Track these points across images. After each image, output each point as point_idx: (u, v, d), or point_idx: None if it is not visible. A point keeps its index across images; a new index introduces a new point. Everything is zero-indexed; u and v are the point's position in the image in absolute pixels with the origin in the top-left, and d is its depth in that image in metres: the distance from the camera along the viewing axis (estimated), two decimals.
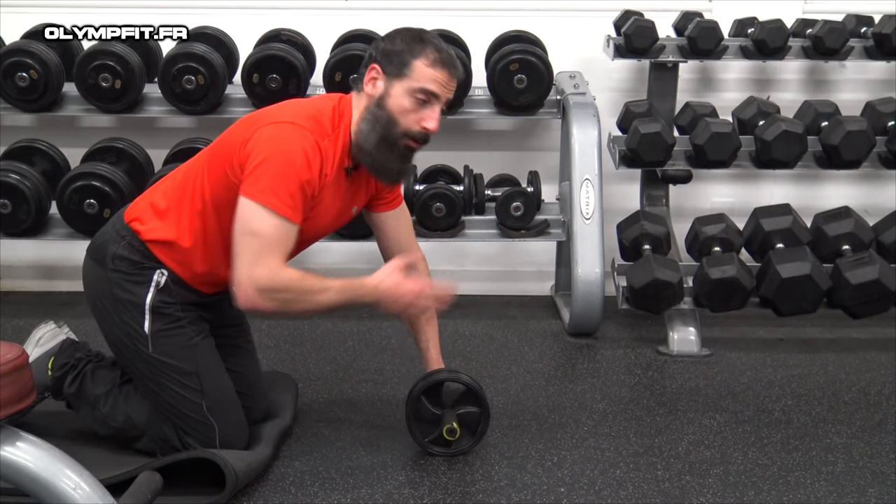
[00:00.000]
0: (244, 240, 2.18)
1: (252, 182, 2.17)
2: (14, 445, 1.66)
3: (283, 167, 2.18)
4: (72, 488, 1.67)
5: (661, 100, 3.80)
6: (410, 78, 2.28)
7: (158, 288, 2.33)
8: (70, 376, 2.49)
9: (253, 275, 2.16)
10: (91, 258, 2.42)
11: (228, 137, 2.31)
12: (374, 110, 2.30)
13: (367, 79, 2.32)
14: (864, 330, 3.51)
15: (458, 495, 2.34)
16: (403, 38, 2.31)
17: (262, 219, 2.16)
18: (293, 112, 2.29)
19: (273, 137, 2.20)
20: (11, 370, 1.63)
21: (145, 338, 2.32)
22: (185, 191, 2.33)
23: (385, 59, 2.30)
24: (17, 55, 3.47)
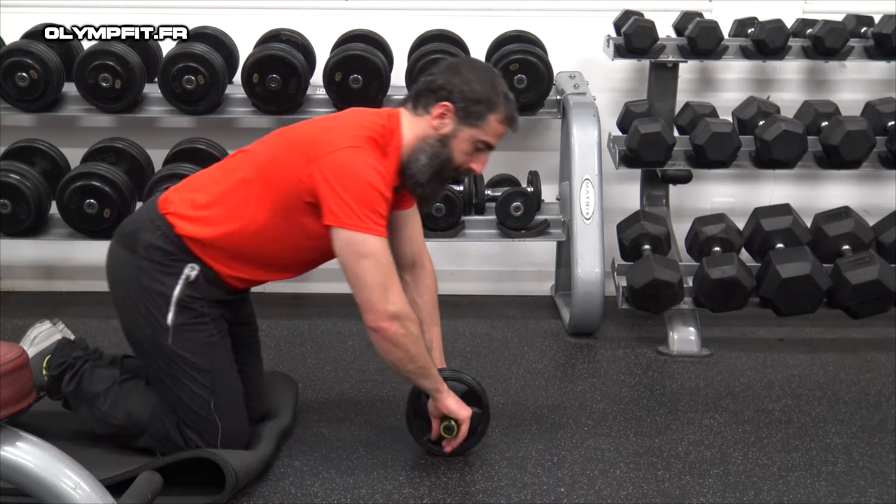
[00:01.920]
0: (362, 266, 2.24)
1: (342, 211, 2.22)
2: (14, 445, 1.66)
3: (365, 192, 2.23)
4: (72, 488, 1.67)
5: (661, 100, 3.80)
6: (481, 129, 2.35)
7: (188, 282, 2.34)
8: (68, 375, 2.49)
9: (387, 298, 2.26)
10: (120, 244, 2.42)
11: (285, 162, 2.31)
12: (435, 145, 2.35)
13: (435, 111, 2.34)
14: (864, 330, 3.51)
15: (458, 495, 2.34)
16: (483, 86, 2.34)
17: (367, 243, 2.24)
18: (351, 134, 2.30)
19: (344, 165, 2.24)
20: (11, 370, 1.63)
21: (167, 330, 2.33)
22: (231, 198, 2.34)
23: (461, 101, 2.33)
24: (17, 55, 3.47)
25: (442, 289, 2.57)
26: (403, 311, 2.29)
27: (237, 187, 2.35)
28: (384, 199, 2.27)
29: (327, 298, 3.79)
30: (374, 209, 2.24)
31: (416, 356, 2.34)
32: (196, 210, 2.35)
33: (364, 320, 2.30)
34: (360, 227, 2.22)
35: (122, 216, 3.39)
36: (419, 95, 2.39)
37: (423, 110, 2.37)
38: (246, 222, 2.33)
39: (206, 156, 3.65)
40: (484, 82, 2.35)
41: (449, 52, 3.53)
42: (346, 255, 2.25)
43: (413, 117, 2.38)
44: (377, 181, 2.25)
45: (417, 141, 2.36)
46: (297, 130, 2.42)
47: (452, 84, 2.34)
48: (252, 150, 2.44)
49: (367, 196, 2.23)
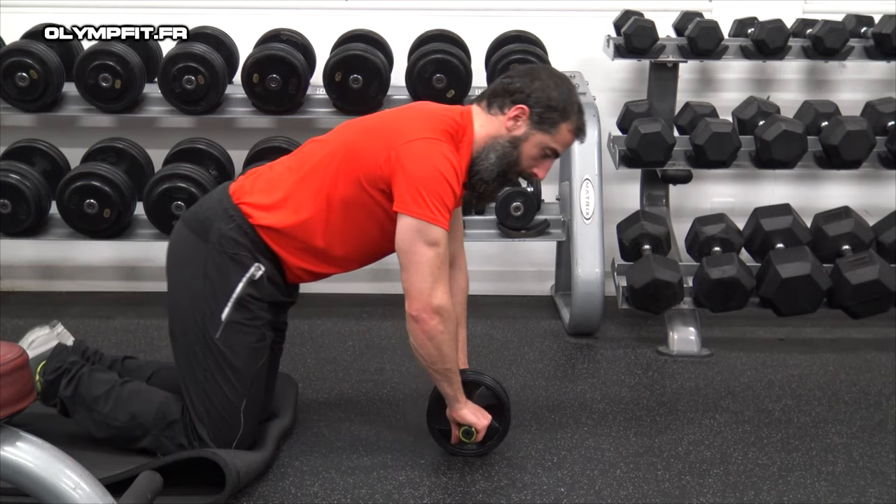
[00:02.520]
0: (421, 253, 2.26)
1: (413, 200, 2.25)
2: (14, 445, 1.66)
3: (438, 184, 2.26)
4: (72, 488, 1.67)
5: (661, 100, 3.81)
6: (552, 137, 2.39)
7: (252, 280, 2.36)
8: (65, 380, 2.46)
9: (435, 290, 2.28)
10: (190, 229, 2.42)
11: (361, 148, 2.34)
12: (506, 146, 2.38)
13: (510, 113, 2.37)
14: (864, 330, 3.51)
15: (458, 495, 2.34)
16: (559, 94, 2.37)
17: (431, 233, 2.26)
18: (428, 126, 2.33)
19: (421, 155, 2.27)
20: (11, 370, 1.63)
21: (219, 323, 2.34)
22: (306, 187, 2.36)
23: (537, 107, 2.36)
24: (17, 55, 3.47)
25: None
26: (446, 308, 2.31)
27: (312, 175, 2.37)
28: (454, 194, 2.29)
29: (327, 298, 3.79)
30: (443, 201, 2.26)
31: (447, 357, 2.36)
32: (271, 200, 2.37)
33: (406, 307, 2.31)
34: (428, 216, 2.25)
35: (122, 216, 3.40)
36: (495, 95, 2.41)
37: (498, 110, 2.39)
38: (319, 209, 2.35)
39: (206, 156, 3.65)
40: (561, 91, 2.38)
41: (449, 52, 3.53)
42: (408, 240, 2.27)
43: (486, 116, 2.41)
44: (451, 175, 2.28)
45: (489, 139, 2.39)
46: (374, 118, 2.47)
47: (530, 88, 2.37)
48: (326, 139, 2.46)
49: (439, 188, 2.26)
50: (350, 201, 2.35)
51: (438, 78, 3.51)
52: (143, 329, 3.55)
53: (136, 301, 3.87)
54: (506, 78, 2.44)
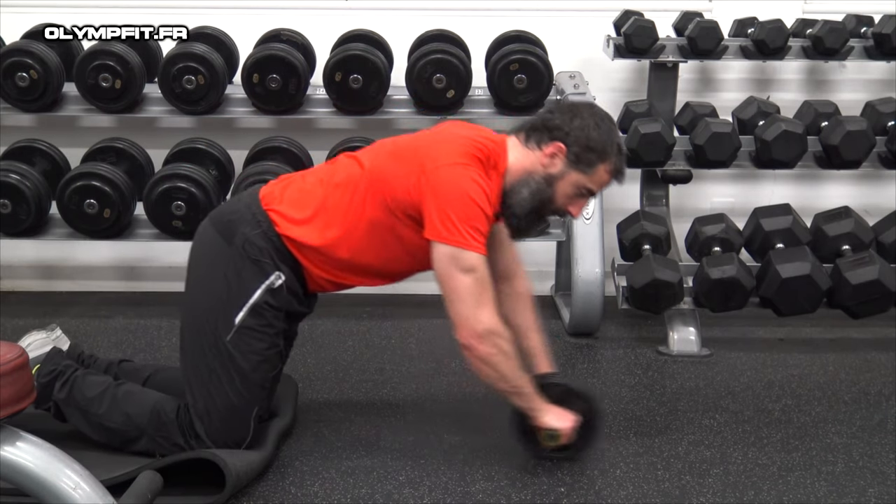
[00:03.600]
0: (459, 281, 2.24)
1: (444, 226, 2.23)
2: (14, 445, 1.66)
3: (468, 208, 2.23)
4: (72, 488, 1.67)
5: (661, 100, 3.80)
6: (588, 177, 2.35)
7: (270, 288, 2.35)
8: (58, 383, 2.46)
9: (479, 315, 2.26)
10: (216, 229, 2.41)
11: (390, 173, 2.32)
12: (540, 183, 2.35)
13: (547, 150, 2.33)
14: (864, 330, 3.51)
15: (458, 495, 2.34)
16: (599, 134, 2.33)
17: (466, 259, 2.23)
18: (457, 150, 2.29)
19: (450, 180, 2.24)
20: (11, 370, 1.63)
21: (231, 327, 2.34)
22: (334, 204, 2.35)
23: (575, 146, 2.32)
24: (17, 55, 3.46)
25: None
26: (495, 329, 2.27)
27: (342, 193, 2.35)
28: (486, 218, 2.26)
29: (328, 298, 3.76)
30: (475, 226, 2.23)
31: (508, 376, 2.32)
32: (299, 212, 2.36)
33: (456, 336, 2.29)
34: (461, 242, 2.22)
35: (122, 216, 3.40)
36: (533, 129, 2.37)
37: (535, 145, 2.35)
38: (347, 229, 2.34)
39: (206, 156, 3.65)
40: (601, 131, 2.33)
41: (449, 52, 3.53)
42: (444, 269, 2.25)
43: (523, 149, 2.37)
44: (481, 199, 2.25)
45: (523, 173, 2.35)
46: (404, 141, 2.41)
47: (570, 126, 2.33)
48: (358, 157, 2.43)
49: (470, 213, 2.23)
50: (378, 224, 2.33)
51: (438, 78, 3.50)
52: (143, 329, 3.55)
53: (136, 301, 3.87)
54: (547, 113, 2.41)
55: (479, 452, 2.56)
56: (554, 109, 2.43)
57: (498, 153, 2.35)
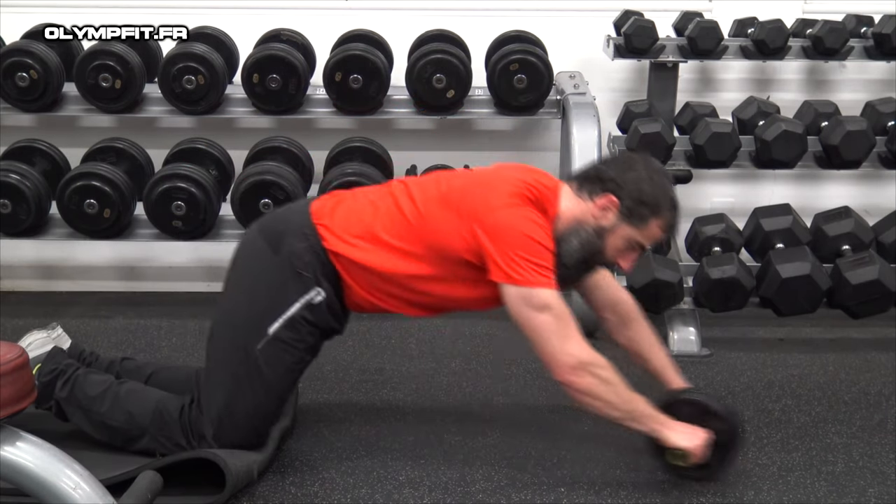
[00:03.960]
0: (538, 320, 2.21)
1: (510, 268, 2.20)
2: (14, 445, 1.66)
3: (530, 246, 2.21)
4: (72, 488, 1.67)
5: (661, 100, 3.80)
6: (640, 231, 2.31)
7: (309, 304, 2.33)
8: (60, 381, 2.46)
9: (567, 349, 2.22)
10: (263, 238, 2.39)
11: (440, 215, 2.29)
12: (590, 234, 2.31)
13: (599, 202, 2.30)
14: (864, 330, 3.51)
15: (458, 495, 2.34)
16: (653, 189, 2.29)
17: (539, 297, 2.20)
18: (509, 192, 2.27)
19: (506, 223, 2.22)
20: (11, 370, 1.63)
21: (264, 336, 2.32)
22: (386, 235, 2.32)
23: (628, 200, 2.28)
24: (17, 55, 3.46)
25: None
26: (589, 360, 2.23)
27: (392, 225, 2.32)
28: (549, 252, 2.24)
29: None
30: (540, 263, 2.21)
31: (616, 403, 2.26)
32: (349, 230, 2.34)
33: (553, 376, 2.26)
34: (530, 281, 2.20)
35: (122, 216, 3.40)
36: (587, 179, 2.34)
37: (587, 196, 2.32)
38: (396, 265, 2.32)
39: (206, 156, 3.65)
40: (655, 185, 2.29)
41: (449, 52, 3.53)
42: (520, 311, 2.22)
43: (575, 198, 2.34)
44: (541, 235, 2.23)
45: (574, 222, 2.31)
46: (455, 186, 2.35)
47: (624, 180, 2.29)
48: (411, 190, 2.38)
49: (532, 250, 2.21)
50: (430, 265, 2.31)
51: (438, 78, 3.50)
52: (143, 329, 3.55)
53: (136, 301, 3.87)
54: (601, 164, 2.38)
55: (479, 452, 2.56)
56: (608, 160, 2.39)
57: (549, 198, 2.32)
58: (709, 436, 2.33)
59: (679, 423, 2.33)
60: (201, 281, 4.04)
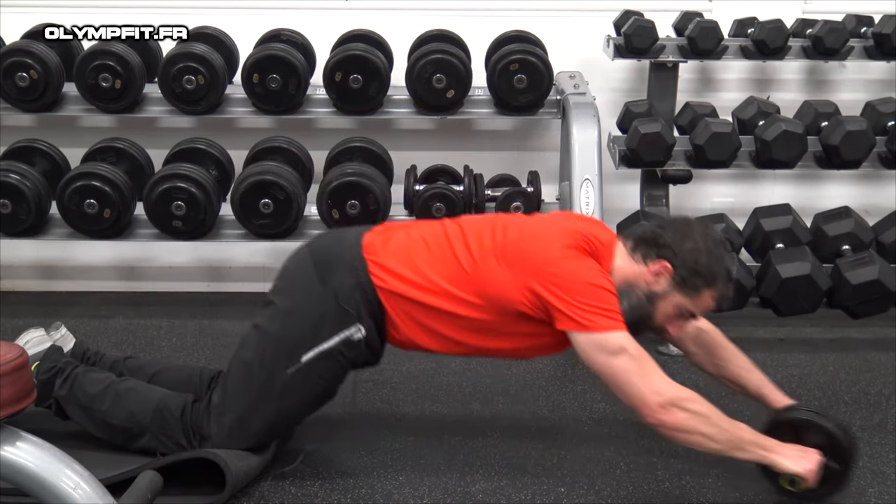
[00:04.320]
0: (615, 365, 2.17)
1: (578, 316, 2.17)
2: (14, 445, 1.66)
3: (593, 292, 2.18)
4: (72, 488, 1.67)
5: (661, 100, 3.80)
6: (692, 300, 2.28)
7: (348, 340, 2.31)
8: (59, 379, 2.45)
9: (651, 388, 2.16)
10: (314, 263, 2.36)
11: (494, 268, 2.26)
12: (641, 298, 2.27)
13: (653, 267, 2.26)
14: (864, 330, 3.51)
15: (458, 495, 2.34)
16: (709, 259, 2.25)
17: (612, 340, 2.16)
18: (563, 243, 2.24)
19: (566, 273, 2.20)
20: (11, 370, 1.63)
21: (296, 362, 2.31)
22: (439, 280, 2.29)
23: (682, 268, 2.25)
24: (17, 55, 3.46)
25: None
26: (676, 395, 2.16)
27: (447, 274, 2.29)
28: (613, 295, 2.21)
29: None
30: (607, 307, 2.18)
31: (714, 434, 2.17)
32: (400, 271, 2.30)
33: (642, 419, 2.20)
34: (601, 326, 2.16)
35: (122, 216, 3.40)
36: (642, 242, 2.31)
37: (641, 259, 2.29)
38: (448, 311, 2.29)
39: (206, 156, 3.65)
40: (712, 257, 2.25)
41: (449, 52, 3.53)
42: (595, 358, 2.19)
43: (628, 258, 2.31)
44: (603, 281, 2.21)
45: (625, 284, 2.27)
46: (508, 236, 2.31)
47: (680, 248, 2.25)
48: (466, 238, 2.33)
49: (598, 296, 2.18)
50: (483, 313, 2.28)
51: (438, 78, 3.50)
52: (143, 329, 3.55)
53: (136, 301, 3.88)
54: (658, 227, 2.32)
55: (479, 452, 2.56)
56: (665, 225, 2.34)
57: (603, 253, 2.30)
58: (821, 456, 2.21)
59: (788, 445, 2.23)
60: (201, 281, 4.05)
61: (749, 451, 2.20)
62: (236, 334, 3.48)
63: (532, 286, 2.22)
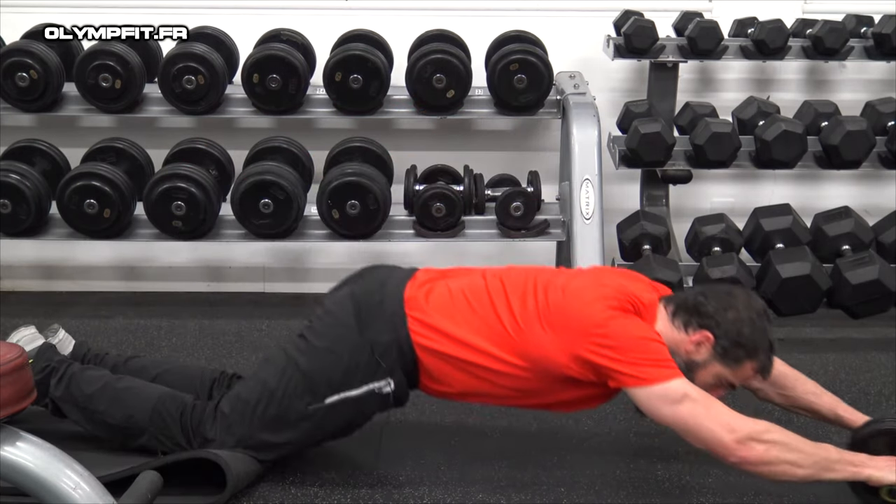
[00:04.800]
0: (681, 413, 2.12)
1: (634, 372, 2.14)
2: (14, 445, 1.66)
3: (645, 346, 2.16)
4: (72, 488, 1.67)
5: (661, 100, 3.81)
6: (732, 371, 2.25)
7: (377, 391, 2.30)
8: (54, 379, 2.43)
9: (724, 426, 2.10)
10: (353, 307, 2.34)
11: (537, 332, 2.23)
12: (680, 366, 2.21)
13: (694, 336, 2.23)
14: (864, 330, 3.51)
15: (458, 495, 2.34)
16: (752, 331, 2.22)
17: (673, 389, 2.12)
18: (612, 305, 2.21)
19: (619, 332, 2.17)
20: (11, 370, 1.63)
21: (319, 401, 2.30)
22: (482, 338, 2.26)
23: (724, 340, 2.22)
24: (17, 55, 3.46)
25: None
26: (751, 429, 2.10)
27: (490, 335, 2.26)
28: (663, 344, 2.19)
29: None
30: (660, 358, 2.15)
31: (799, 460, 2.12)
32: (443, 327, 2.28)
33: (723, 461, 2.14)
34: (658, 377, 2.13)
35: (122, 216, 3.40)
36: (685, 309, 2.27)
37: (682, 326, 2.25)
38: (490, 370, 2.27)
39: (206, 156, 3.65)
40: (755, 329, 2.22)
41: (449, 52, 3.53)
42: (661, 410, 2.14)
43: (668, 323, 2.27)
44: (649, 332, 2.19)
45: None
46: (551, 299, 2.26)
47: (723, 318, 2.22)
48: (509, 298, 2.30)
49: (650, 349, 2.16)
50: (526, 374, 2.26)
51: (438, 78, 3.50)
52: (143, 329, 3.55)
53: (136, 301, 3.88)
54: (701, 296, 2.27)
55: (479, 452, 2.56)
56: (709, 294, 2.28)
57: (645, 314, 2.28)
58: None
59: (877, 457, 2.18)
60: (201, 281, 4.05)
61: (839, 470, 2.15)
62: (236, 334, 3.52)
63: (580, 353, 2.19)
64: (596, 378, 2.22)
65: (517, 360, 2.25)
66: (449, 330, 2.28)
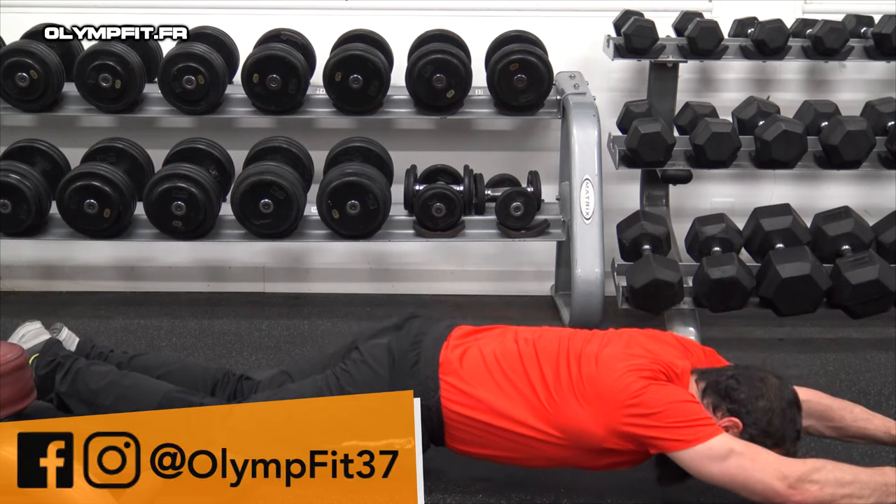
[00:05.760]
0: (729, 468, 2.11)
1: (677, 436, 2.13)
2: None
3: (683, 409, 2.15)
4: None
5: (661, 100, 3.80)
6: None
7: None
8: (59, 374, 2.43)
9: (775, 473, 2.08)
10: (389, 360, 2.36)
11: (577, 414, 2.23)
12: None
13: (723, 422, 2.20)
14: (864, 330, 3.51)
15: (458, 495, 2.34)
16: (782, 422, 2.21)
17: (718, 446, 2.11)
18: (645, 375, 2.21)
19: (656, 400, 2.16)
20: (12, 370, 1.64)
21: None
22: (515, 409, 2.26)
23: (753, 428, 2.19)
24: (17, 55, 3.46)
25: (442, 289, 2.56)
26: (801, 471, 2.08)
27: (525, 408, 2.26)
28: (698, 403, 2.19)
29: (327, 298, 3.79)
30: (699, 417, 2.14)
31: (858, 492, 2.07)
32: (474, 394, 2.28)
33: None
34: (700, 437, 2.11)
35: (122, 216, 3.40)
36: (714, 391, 2.25)
37: (710, 407, 2.23)
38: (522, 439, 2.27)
39: (206, 156, 3.65)
40: (785, 420, 2.21)
41: (449, 52, 3.53)
42: (709, 469, 2.13)
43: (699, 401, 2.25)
44: (684, 394, 2.19)
45: None
46: (584, 371, 2.26)
47: (754, 407, 2.20)
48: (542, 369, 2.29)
49: (689, 411, 2.15)
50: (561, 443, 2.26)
51: (438, 78, 3.50)
52: (143, 329, 3.55)
53: (136, 301, 3.87)
54: (731, 379, 2.25)
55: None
56: (741, 377, 2.25)
57: (678, 383, 2.27)
58: None
59: None
60: (201, 281, 4.05)
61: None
62: (236, 334, 3.53)
63: (618, 427, 2.19)
64: (636, 447, 2.22)
65: (552, 431, 2.25)
66: (482, 397, 2.27)
